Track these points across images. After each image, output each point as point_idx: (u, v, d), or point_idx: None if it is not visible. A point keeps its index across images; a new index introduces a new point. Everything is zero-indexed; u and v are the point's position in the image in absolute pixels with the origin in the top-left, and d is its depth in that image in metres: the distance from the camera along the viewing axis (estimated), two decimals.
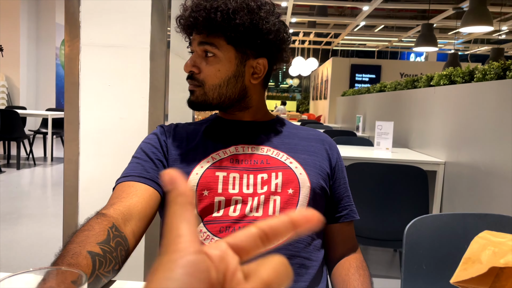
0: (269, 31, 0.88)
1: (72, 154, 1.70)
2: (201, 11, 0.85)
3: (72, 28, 1.67)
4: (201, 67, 0.90)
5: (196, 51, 0.91)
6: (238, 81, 0.92)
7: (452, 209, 2.60)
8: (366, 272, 0.90)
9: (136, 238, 0.76)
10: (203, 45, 0.89)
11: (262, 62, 0.92)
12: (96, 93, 1.68)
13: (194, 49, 0.92)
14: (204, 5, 0.86)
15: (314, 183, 0.90)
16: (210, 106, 0.94)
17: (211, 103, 0.93)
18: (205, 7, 0.85)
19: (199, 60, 0.90)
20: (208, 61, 0.90)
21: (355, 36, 12.39)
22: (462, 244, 1.07)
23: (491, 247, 0.62)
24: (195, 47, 0.91)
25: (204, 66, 0.90)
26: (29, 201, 4.07)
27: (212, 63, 0.89)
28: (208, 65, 0.89)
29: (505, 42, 11.75)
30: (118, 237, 0.70)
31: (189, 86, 0.93)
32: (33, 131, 6.38)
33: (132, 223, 0.75)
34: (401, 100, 3.92)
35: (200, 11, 0.85)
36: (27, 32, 8.39)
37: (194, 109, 0.96)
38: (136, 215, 0.77)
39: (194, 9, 0.87)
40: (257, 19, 0.87)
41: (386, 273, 2.67)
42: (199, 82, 0.91)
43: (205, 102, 0.92)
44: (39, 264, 2.82)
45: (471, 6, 5.19)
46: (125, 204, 0.77)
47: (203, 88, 0.91)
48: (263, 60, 0.92)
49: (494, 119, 2.17)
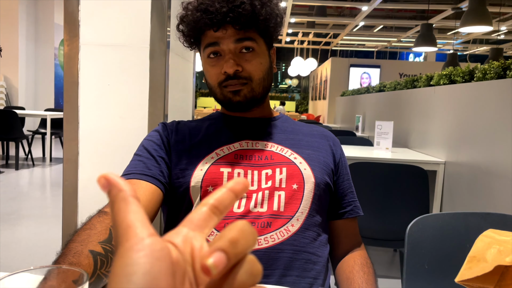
0: (282, 19, 0.93)
1: (71, 153, 1.69)
2: (233, 7, 0.83)
3: (71, 27, 1.66)
4: (243, 64, 0.88)
5: (230, 49, 0.87)
6: (271, 72, 0.95)
7: (453, 209, 2.59)
8: (370, 270, 0.89)
9: None
10: (242, 41, 0.87)
11: (273, 50, 0.98)
12: (96, 92, 1.68)
13: (225, 48, 0.87)
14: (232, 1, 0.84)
15: (319, 178, 0.90)
16: (256, 102, 0.93)
17: (257, 97, 0.92)
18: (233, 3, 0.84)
19: (237, 57, 0.88)
20: (247, 57, 0.88)
21: (354, 36, 12.39)
22: (464, 243, 1.07)
23: (496, 246, 0.62)
24: (228, 45, 0.87)
25: (244, 62, 0.88)
26: (28, 201, 4.06)
27: (253, 58, 0.89)
28: (249, 61, 0.88)
29: (504, 42, 11.76)
30: None
31: (230, 87, 0.89)
32: (32, 132, 6.36)
33: None
34: (400, 100, 3.92)
35: (232, 8, 0.83)
36: (26, 33, 8.38)
37: (242, 110, 0.93)
38: None
39: (222, 4, 0.84)
40: (276, 9, 0.90)
41: (386, 273, 2.67)
42: (246, 79, 0.89)
43: (253, 98, 0.91)
44: (39, 265, 2.77)
45: (470, 6, 5.19)
46: None
47: (251, 84, 0.90)
48: (274, 48, 0.98)
49: (494, 118, 2.17)
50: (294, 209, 0.85)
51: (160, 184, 0.85)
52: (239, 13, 0.83)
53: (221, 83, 0.89)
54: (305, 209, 0.86)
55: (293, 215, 0.84)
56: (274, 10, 0.89)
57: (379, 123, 3.20)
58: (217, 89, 0.91)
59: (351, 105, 6.67)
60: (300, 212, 0.85)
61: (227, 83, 0.89)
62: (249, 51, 0.88)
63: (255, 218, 0.82)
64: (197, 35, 0.91)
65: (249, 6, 0.84)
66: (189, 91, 2.21)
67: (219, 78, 0.89)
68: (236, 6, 0.83)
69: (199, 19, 0.85)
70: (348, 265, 0.90)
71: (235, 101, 0.90)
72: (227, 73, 0.87)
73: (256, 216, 0.82)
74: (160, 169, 0.87)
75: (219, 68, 0.88)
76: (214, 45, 0.88)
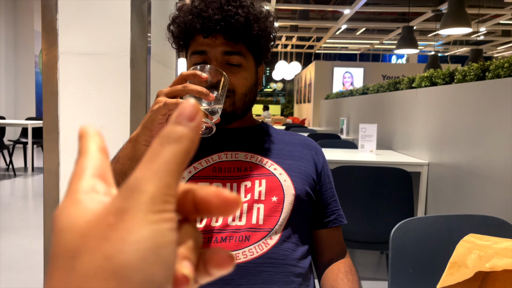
0: (274, 38, 0.92)
1: (52, 164, 1.66)
2: (226, 16, 0.82)
3: (50, 36, 1.63)
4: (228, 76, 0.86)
5: (216, 59, 0.85)
6: (255, 89, 0.94)
7: (437, 210, 2.62)
8: (355, 277, 0.89)
9: None
10: (230, 55, 0.86)
11: (262, 68, 0.97)
12: (76, 102, 1.65)
13: (212, 57, 0.86)
14: (226, 9, 0.83)
15: (299, 189, 0.89)
16: (235, 117, 0.91)
17: (236, 113, 0.90)
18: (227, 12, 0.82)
19: (223, 68, 0.85)
20: (233, 69, 0.87)
21: (337, 39, 12.51)
22: (448, 246, 1.07)
23: (476, 251, 0.62)
24: (216, 55, 0.85)
25: (229, 73, 0.85)
26: (9, 213, 3.97)
27: (239, 71, 0.87)
28: (235, 74, 0.86)
29: (483, 43, 12.01)
30: None
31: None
32: (13, 141, 6.24)
33: None
34: (384, 102, 3.96)
35: (225, 17, 0.82)
36: (5, 40, 8.24)
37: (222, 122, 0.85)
38: None
39: (216, 12, 0.82)
40: (269, 27, 0.90)
41: (373, 275, 2.68)
42: (228, 91, 0.86)
43: (233, 112, 0.89)
44: (20, 278, 2.76)
45: (449, 8, 5.28)
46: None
47: (233, 97, 0.87)
48: (262, 65, 0.97)
49: (474, 120, 2.20)
50: (274, 222, 0.84)
51: None
52: (232, 24, 0.83)
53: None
54: (284, 221, 0.85)
55: (273, 228, 0.83)
56: (267, 27, 0.89)
57: (363, 126, 3.22)
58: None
59: (336, 108, 6.72)
60: (279, 224, 0.84)
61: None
62: (236, 64, 0.87)
63: (233, 232, 0.81)
64: (187, 39, 0.89)
65: (243, 19, 0.83)
66: None
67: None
68: (230, 16, 0.82)
69: (190, 22, 0.84)
70: (332, 274, 0.90)
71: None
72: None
73: (234, 230, 0.81)
74: None
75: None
76: (201, 53, 0.86)
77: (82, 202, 0.21)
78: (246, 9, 0.85)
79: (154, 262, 0.19)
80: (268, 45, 0.92)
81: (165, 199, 0.20)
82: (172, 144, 0.21)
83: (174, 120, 0.22)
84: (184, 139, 0.21)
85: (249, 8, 0.85)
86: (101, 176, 0.22)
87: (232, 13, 0.83)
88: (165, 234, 0.20)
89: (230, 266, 0.22)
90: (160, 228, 0.19)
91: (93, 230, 0.19)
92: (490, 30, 10.53)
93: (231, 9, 0.83)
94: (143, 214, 0.19)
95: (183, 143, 0.21)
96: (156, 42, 1.81)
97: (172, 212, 0.20)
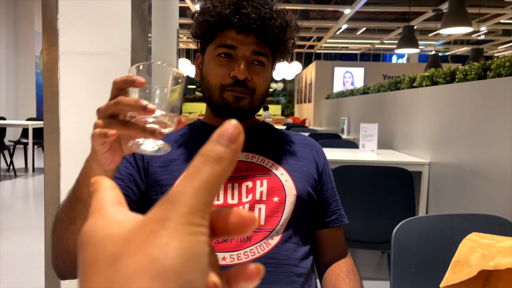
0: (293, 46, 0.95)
1: (52, 165, 1.66)
2: (264, 17, 0.84)
3: (50, 36, 1.63)
4: (252, 74, 0.87)
5: (245, 56, 0.86)
6: (268, 92, 0.95)
7: (438, 210, 2.62)
8: (356, 277, 0.89)
9: None
10: (258, 55, 0.87)
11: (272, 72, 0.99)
12: (77, 102, 1.65)
13: (240, 53, 0.86)
14: (264, 11, 0.84)
15: (301, 189, 0.88)
16: (249, 115, 0.92)
17: (252, 111, 0.91)
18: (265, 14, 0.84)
19: (248, 66, 0.87)
20: (257, 69, 0.88)
21: (337, 39, 12.50)
22: (450, 245, 1.07)
23: (479, 250, 0.62)
24: (244, 53, 0.86)
25: (253, 73, 0.87)
26: (10, 213, 3.97)
27: (262, 72, 0.89)
28: (257, 74, 0.88)
29: (484, 43, 12.00)
30: None
31: (234, 92, 0.87)
32: (14, 142, 6.24)
33: None
34: (385, 101, 3.95)
35: (263, 17, 0.84)
36: (6, 41, 8.24)
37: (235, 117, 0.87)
38: None
39: (254, 11, 0.83)
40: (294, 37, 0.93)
41: (374, 275, 2.68)
42: (250, 90, 0.88)
43: (250, 110, 0.90)
44: (21, 278, 2.76)
45: (450, 8, 5.28)
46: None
47: (252, 96, 0.89)
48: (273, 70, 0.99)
49: (476, 119, 2.20)
50: (275, 222, 0.84)
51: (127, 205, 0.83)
52: (268, 25, 0.84)
53: (224, 86, 0.87)
54: (285, 221, 0.85)
55: (274, 228, 0.83)
56: (293, 37, 0.92)
57: (364, 126, 3.22)
58: (217, 89, 0.88)
59: (336, 108, 6.71)
60: (281, 225, 0.84)
61: (232, 88, 0.87)
62: (260, 64, 0.88)
63: None
64: (214, 30, 0.88)
65: (279, 23, 0.86)
66: None
67: (225, 80, 0.87)
68: (267, 19, 0.84)
69: (227, 15, 0.84)
70: (334, 273, 0.90)
71: (234, 107, 0.88)
72: (237, 78, 0.85)
73: None
74: (124, 187, 0.84)
75: (227, 69, 0.87)
76: (230, 47, 0.86)
77: (113, 216, 0.23)
78: (282, 14, 0.88)
79: (194, 269, 0.20)
80: (288, 53, 0.95)
81: (202, 215, 0.21)
82: (213, 164, 0.22)
83: (215, 139, 0.23)
84: (224, 160, 0.22)
85: (284, 14, 0.88)
86: (119, 202, 0.25)
87: (269, 16, 0.85)
88: (202, 246, 0.21)
89: (259, 277, 0.23)
90: (198, 240, 0.21)
91: (136, 236, 0.20)
92: (490, 30, 10.52)
93: (268, 12, 0.85)
94: (184, 225, 0.20)
95: (222, 164, 0.22)
96: (157, 42, 1.81)
97: (207, 228, 0.22)
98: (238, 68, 0.85)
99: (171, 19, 2.11)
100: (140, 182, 0.86)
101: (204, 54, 0.92)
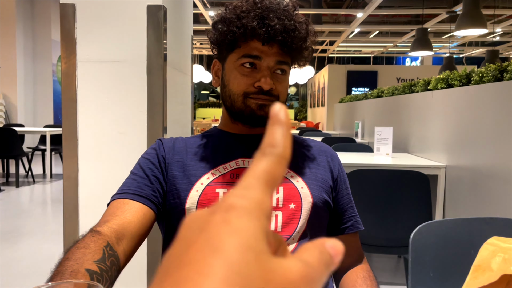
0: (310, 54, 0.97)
1: (71, 171, 1.69)
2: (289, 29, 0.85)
3: (68, 45, 1.67)
4: (275, 83, 0.89)
5: (269, 66, 0.88)
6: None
7: (455, 213, 2.58)
8: (373, 283, 0.88)
9: (127, 258, 0.75)
10: (281, 64, 0.89)
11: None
12: (94, 108, 1.68)
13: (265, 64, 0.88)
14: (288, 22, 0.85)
15: (316, 197, 0.89)
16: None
17: None
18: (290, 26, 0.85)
19: (271, 75, 0.89)
20: (279, 78, 0.90)
21: (350, 43, 12.46)
22: (469, 250, 1.06)
23: (501, 254, 0.61)
24: (269, 63, 0.88)
25: (276, 82, 0.89)
26: (29, 219, 4.04)
27: (284, 80, 0.91)
28: (280, 82, 0.90)
29: (499, 44, 11.82)
30: (112, 256, 0.69)
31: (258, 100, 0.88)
32: (32, 148, 6.36)
33: (124, 243, 0.74)
34: (399, 105, 3.92)
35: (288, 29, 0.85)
36: (24, 50, 8.42)
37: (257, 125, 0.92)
38: (128, 234, 0.76)
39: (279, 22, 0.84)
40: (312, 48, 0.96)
41: (391, 280, 2.65)
42: (275, 97, 0.89)
43: None
44: (41, 283, 2.76)
45: (464, 10, 5.22)
46: (118, 222, 0.76)
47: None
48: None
49: (493, 121, 2.16)
50: (292, 229, 0.84)
51: (152, 204, 0.84)
52: (292, 38, 0.86)
53: (248, 93, 0.88)
54: (302, 228, 0.85)
55: (291, 235, 0.84)
56: (312, 47, 0.95)
57: (378, 129, 3.20)
58: (239, 97, 0.89)
59: (350, 112, 6.68)
60: (297, 232, 0.84)
61: (256, 96, 0.88)
62: (282, 73, 0.90)
63: None
64: (237, 40, 0.88)
65: (302, 35, 0.88)
66: (187, 103, 2.21)
67: (248, 89, 0.88)
68: (291, 30, 0.85)
69: (253, 26, 0.84)
70: (350, 280, 0.90)
71: (258, 115, 0.89)
72: (261, 88, 0.87)
73: None
74: (153, 189, 0.86)
75: (251, 79, 0.88)
76: (254, 57, 0.87)
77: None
78: (305, 25, 0.89)
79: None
80: (308, 61, 0.97)
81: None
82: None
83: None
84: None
85: (306, 25, 0.90)
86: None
87: (293, 27, 0.85)
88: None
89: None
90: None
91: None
92: (506, 31, 10.35)
93: (292, 23, 0.86)
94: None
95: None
96: (172, 49, 1.83)
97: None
98: (264, 80, 0.86)
99: (186, 26, 2.13)
100: (164, 184, 0.89)
101: (224, 62, 0.93)
